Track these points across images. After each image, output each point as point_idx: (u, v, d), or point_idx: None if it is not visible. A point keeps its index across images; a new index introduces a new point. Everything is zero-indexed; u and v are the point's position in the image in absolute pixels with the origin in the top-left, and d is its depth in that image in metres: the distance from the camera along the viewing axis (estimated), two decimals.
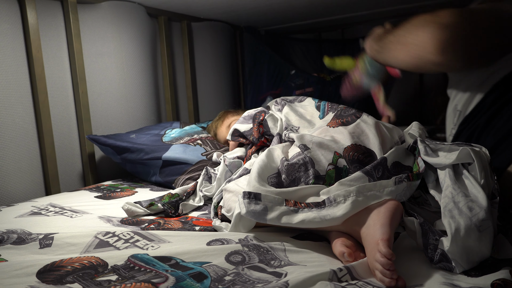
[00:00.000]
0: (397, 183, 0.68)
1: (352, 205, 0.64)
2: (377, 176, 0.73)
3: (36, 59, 1.27)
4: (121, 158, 1.34)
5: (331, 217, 0.65)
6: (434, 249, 0.59)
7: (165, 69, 1.79)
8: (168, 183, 1.26)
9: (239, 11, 1.85)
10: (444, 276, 0.55)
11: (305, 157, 0.80)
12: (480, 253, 0.57)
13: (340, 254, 0.63)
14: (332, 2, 1.75)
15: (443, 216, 0.60)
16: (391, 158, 0.77)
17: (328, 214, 0.65)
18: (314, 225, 0.66)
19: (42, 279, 0.57)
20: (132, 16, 1.57)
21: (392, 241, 0.59)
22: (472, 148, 0.63)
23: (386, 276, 0.54)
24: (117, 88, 1.55)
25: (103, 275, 0.59)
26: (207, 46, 2.01)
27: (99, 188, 1.26)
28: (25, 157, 1.25)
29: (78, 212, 0.97)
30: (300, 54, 2.35)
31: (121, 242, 0.71)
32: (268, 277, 0.57)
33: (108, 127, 1.53)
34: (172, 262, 0.61)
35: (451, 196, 0.61)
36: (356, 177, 0.72)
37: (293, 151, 0.85)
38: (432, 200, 0.73)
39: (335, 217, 0.65)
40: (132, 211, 0.94)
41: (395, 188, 0.67)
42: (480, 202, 0.58)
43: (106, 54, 1.51)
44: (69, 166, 1.42)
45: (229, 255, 0.64)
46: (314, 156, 0.80)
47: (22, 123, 1.25)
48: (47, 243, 0.72)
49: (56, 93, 1.37)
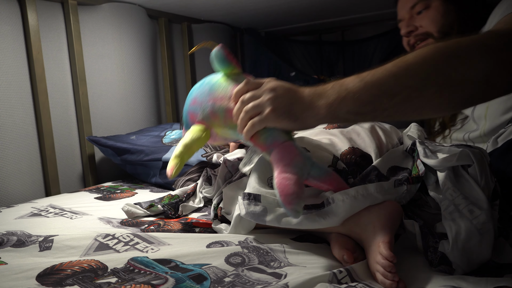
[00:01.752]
0: (396, 185, 0.67)
1: (351, 206, 0.64)
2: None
3: (36, 60, 1.27)
4: (121, 159, 1.34)
5: (330, 219, 0.65)
6: (434, 252, 0.59)
7: (165, 71, 1.80)
8: (168, 184, 1.26)
9: (240, 13, 1.86)
10: (444, 279, 0.55)
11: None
12: (481, 256, 0.56)
13: (340, 256, 0.63)
14: (332, 4, 1.75)
15: (443, 218, 0.60)
16: (385, 164, 0.76)
17: (327, 215, 0.65)
18: (313, 226, 0.66)
19: (42, 282, 0.57)
20: (133, 18, 1.58)
21: (393, 243, 0.59)
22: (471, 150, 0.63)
23: (388, 278, 0.54)
24: (117, 89, 1.55)
25: (103, 277, 0.59)
26: (207, 48, 2.01)
27: (99, 189, 1.26)
28: (25, 158, 1.25)
29: (78, 214, 0.97)
30: (300, 56, 2.36)
31: (121, 245, 0.71)
32: (268, 278, 0.57)
33: (108, 129, 1.53)
34: (172, 265, 0.61)
35: (451, 198, 0.60)
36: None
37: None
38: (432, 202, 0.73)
39: (334, 218, 0.65)
40: (132, 212, 0.94)
41: (394, 191, 0.67)
42: (481, 205, 0.58)
43: (106, 55, 1.51)
44: (69, 167, 1.42)
45: (228, 256, 0.64)
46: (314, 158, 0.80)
47: (22, 124, 1.25)
48: (47, 245, 0.71)
49: (57, 95, 1.37)
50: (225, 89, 0.72)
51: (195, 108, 0.77)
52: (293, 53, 2.35)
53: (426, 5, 0.99)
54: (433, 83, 0.56)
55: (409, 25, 1.03)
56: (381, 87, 0.58)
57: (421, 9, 1.00)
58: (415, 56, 0.58)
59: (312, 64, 2.36)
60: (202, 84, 0.79)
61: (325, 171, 0.67)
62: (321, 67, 2.36)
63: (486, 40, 0.58)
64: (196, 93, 0.78)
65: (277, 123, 0.65)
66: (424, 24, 1.00)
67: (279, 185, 0.60)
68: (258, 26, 2.21)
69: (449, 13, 0.97)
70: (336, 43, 2.33)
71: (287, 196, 0.59)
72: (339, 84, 0.62)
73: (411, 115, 0.66)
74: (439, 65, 0.56)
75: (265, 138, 0.66)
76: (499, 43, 0.57)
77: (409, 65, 0.57)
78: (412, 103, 0.58)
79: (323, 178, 0.66)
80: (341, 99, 0.60)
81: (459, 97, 0.57)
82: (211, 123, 0.75)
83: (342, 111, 0.61)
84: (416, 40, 1.03)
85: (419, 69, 0.56)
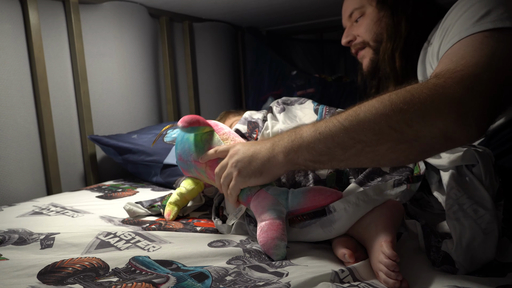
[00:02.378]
0: (396, 185, 0.67)
1: (354, 214, 0.65)
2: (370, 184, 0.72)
3: (37, 59, 1.27)
4: (122, 158, 1.34)
5: (334, 230, 0.66)
6: (436, 252, 0.59)
7: (167, 70, 1.79)
8: (169, 183, 1.26)
9: (241, 12, 1.85)
10: (448, 279, 0.55)
11: None
12: (485, 256, 0.56)
13: (341, 255, 0.63)
14: (334, 2, 1.75)
15: (447, 218, 0.60)
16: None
17: (331, 225, 0.66)
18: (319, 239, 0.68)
19: (43, 280, 0.57)
20: (134, 17, 1.57)
21: (395, 242, 0.59)
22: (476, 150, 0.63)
23: (391, 278, 0.53)
24: (119, 88, 1.55)
25: (104, 277, 0.58)
26: (208, 47, 2.01)
27: (100, 188, 1.26)
28: (26, 157, 1.25)
29: (79, 212, 0.97)
30: (301, 55, 2.35)
31: (122, 243, 0.71)
32: (269, 277, 0.57)
33: (109, 127, 1.53)
34: (173, 267, 0.61)
35: (456, 198, 0.60)
36: (351, 188, 0.72)
37: None
38: (435, 202, 0.73)
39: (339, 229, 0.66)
40: (134, 212, 0.94)
41: (393, 191, 0.67)
42: (485, 205, 0.58)
43: (107, 54, 1.51)
44: (70, 166, 1.42)
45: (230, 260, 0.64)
46: None
47: (23, 123, 1.25)
48: (48, 243, 0.71)
49: (58, 93, 1.37)
50: (201, 150, 0.81)
51: (182, 165, 0.88)
52: (295, 52, 2.35)
53: (361, 12, 0.94)
54: (386, 139, 0.54)
55: (348, 34, 0.99)
56: (334, 139, 0.58)
57: (357, 17, 0.95)
58: (367, 109, 0.55)
59: (313, 63, 2.35)
60: (183, 139, 0.87)
61: (302, 193, 0.68)
62: (322, 66, 2.35)
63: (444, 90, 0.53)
64: (180, 150, 0.87)
65: (247, 183, 0.70)
66: (360, 32, 0.96)
67: (258, 236, 0.66)
68: (259, 24, 2.20)
69: (382, 20, 0.91)
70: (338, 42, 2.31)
71: (264, 245, 0.64)
72: (295, 132, 0.64)
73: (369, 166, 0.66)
74: (392, 120, 0.53)
75: (241, 197, 0.73)
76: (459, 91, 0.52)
77: (361, 120, 0.55)
78: (367, 156, 0.57)
79: (304, 201, 0.67)
80: (297, 147, 0.62)
81: (415, 152, 0.56)
82: (199, 178, 0.89)
83: (300, 159, 0.63)
84: (356, 49, 0.99)
85: (371, 124, 0.55)
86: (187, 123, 0.78)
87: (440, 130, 0.52)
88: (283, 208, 0.67)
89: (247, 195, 0.71)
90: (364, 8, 0.94)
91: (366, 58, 0.98)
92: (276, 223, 0.64)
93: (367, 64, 0.98)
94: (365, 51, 0.98)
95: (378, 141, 0.55)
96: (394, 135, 0.54)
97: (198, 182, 0.91)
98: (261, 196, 0.69)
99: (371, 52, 0.96)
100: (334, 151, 0.58)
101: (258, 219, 0.67)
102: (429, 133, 0.53)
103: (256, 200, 0.69)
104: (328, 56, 2.34)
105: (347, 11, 0.98)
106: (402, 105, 0.53)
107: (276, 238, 0.63)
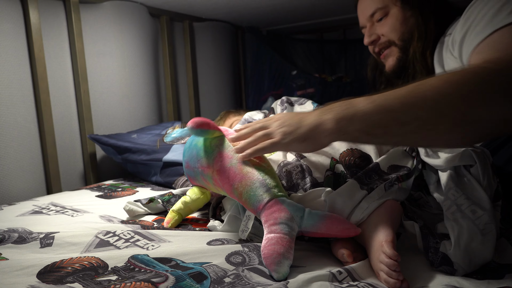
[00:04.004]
0: (387, 189, 0.67)
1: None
2: (368, 181, 0.72)
3: (38, 58, 1.27)
4: (122, 158, 1.34)
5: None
6: (435, 253, 0.59)
7: (167, 69, 1.79)
8: (168, 183, 1.26)
9: (241, 11, 1.86)
10: (446, 278, 0.55)
11: (302, 164, 0.79)
12: (483, 257, 0.56)
13: (340, 255, 0.63)
14: (334, 2, 1.75)
15: (445, 219, 0.60)
16: (385, 163, 0.76)
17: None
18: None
19: (42, 279, 0.57)
20: (134, 16, 1.57)
21: (395, 242, 0.59)
22: (473, 150, 0.63)
23: (392, 277, 0.54)
24: (119, 87, 1.55)
25: (103, 276, 0.59)
26: (209, 46, 2.01)
27: (100, 187, 1.26)
28: (26, 156, 1.26)
29: (79, 211, 0.97)
30: (301, 55, 2.35)
31: (121, 242, 0.71)
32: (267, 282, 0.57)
33: (109, 127, 1.53)
34: (172, 264, 0.62)
35: (454, 198, 0.60)
36: (348, 185, 0.70)
37: (290, 156, 0.84)
38: (433, 201, 0.73)
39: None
40: (133, 211, 0.94)
41: (386, 194, 0.67)
42: (483, 205, 0.58)
43: (108, 53, 1.51)
44: (70, 165, 1.42)
45: (229, 255, 0.64)
46: (310, 164, 0.79)
47: (24, 122, 1.25)
48: (48, 242, 0.72)
49: (58, 93, 1.37)
50: (210, 155, 0.76)
51: (189, 172, 0.85)
52: (295, 51, 2.35)
53: (385, 12, 0.94)
54: (445, 119, 0.54)
55: (372, 34, 0.98)
56: (392, 113, 0.56)
57: (380, 16, 0.95)
58: (431, 87, 0.55)
59: (314, 63, 2.35)
60: (190, 146, 0.84)
61: (319, 217, 0.64)
62: (322, 66, 2.36)
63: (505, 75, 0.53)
64: (187, 157, 0.84)
65: (288, 147, 0.65)
66: (385, 32, 0.96)
67: (262, 247, 0.61)
68: (260, 24, 2.20)
69: (409, 20, 0.92)
70: (338, 42, 2.32)
71: (267, 258, 0.59)
72: (347, 102, 0.60)
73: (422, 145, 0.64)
74: (456, 103, 0.53)
75: (251, 202, 0.67)
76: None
77: (425, 97, 0.54)
78: (422, 134, 0.56)
79: (320, 227, 0.63)
80: (351, 116, 0.58)
81: (472, 135, 0.55)
82: (206, 186, 0.85)
83: (351, 128, 0.58)
84: (380, 48, 0.99)
85: (433, 103, 0.54)
86: (196, 124, 0.75)
87: (502, 116, 0.53)
88: (296, 226, 0.63)
89: (258, 201, 0.66)
90: (388, 8, 0.94)
91: (392, 57, 0.98)
92: (285, 239, 0.61)
93: (393, 63, 0.98)
94: (390, 50, 0.98)
95: (437, 120, 0.54)
96: (454, 115, 0.54)
97: (205, 191, 0.88)
98: (277, 207, 0.64)
99: (398, 51, 0.96)
100: (390, 124, 0.56)
101: (267, 229, 0.63)
102: (490, 118, 0.53)
103: (269, 210, 0.65)
104: (328, 56, 2.35)
105: (367, 10, 0.98)
106: (467, 88, 0.53)
107: (282, 254, 0.59)
